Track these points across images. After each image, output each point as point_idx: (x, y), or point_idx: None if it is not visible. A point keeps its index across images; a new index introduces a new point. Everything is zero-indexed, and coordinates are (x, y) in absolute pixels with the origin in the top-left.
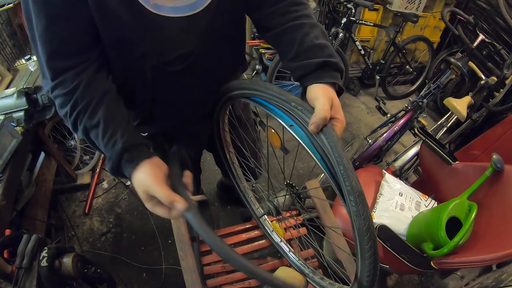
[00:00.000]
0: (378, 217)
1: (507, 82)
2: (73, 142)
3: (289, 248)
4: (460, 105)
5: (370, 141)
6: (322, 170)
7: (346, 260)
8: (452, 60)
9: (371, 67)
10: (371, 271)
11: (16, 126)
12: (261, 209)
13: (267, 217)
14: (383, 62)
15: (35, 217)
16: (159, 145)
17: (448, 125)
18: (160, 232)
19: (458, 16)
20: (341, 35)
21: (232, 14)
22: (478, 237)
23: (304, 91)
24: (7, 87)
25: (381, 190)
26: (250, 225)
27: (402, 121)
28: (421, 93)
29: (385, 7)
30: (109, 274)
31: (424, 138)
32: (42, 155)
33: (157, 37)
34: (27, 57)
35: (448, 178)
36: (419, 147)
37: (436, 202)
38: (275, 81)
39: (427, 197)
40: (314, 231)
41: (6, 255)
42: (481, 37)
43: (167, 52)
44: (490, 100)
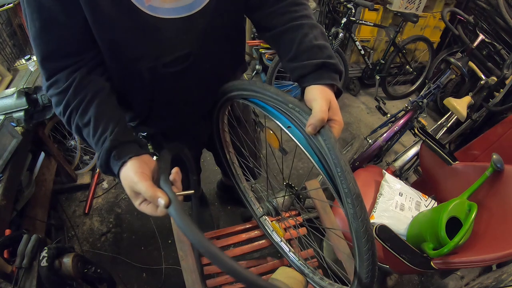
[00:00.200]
0: (378, 217)
1: (507, 82)
2: (73, 142)
3: (289, 248)
4: (460, 105)
5: (370, 141)
6: (320, 172)
7: (346, 261)
8: (452, 60)
9: (371, 67)
10: (369, 272)
11: (16, 126)
12: (261, 209)
13: (267, 217)
14: (383, 62)
15: (35, 217)
16: (159, 144)
17: (448, 125)
18: (160, 232)
19: (458, 16)
20: (341, 35)
21: (231, 14)
22: (478, 237)
23: (303, 92)
24: (7, 87)
25: (381, 190)
26: (250, 225)
27: (402, 121)
28: (421, 93)
29: (385, 7)
30: (109, 274)
31: (424, 138)
32: (42, 155)
33: (153, 39)
34: (27, 57)
35: (448, 178)
36: (419, 147)
37: (436, 202)
38: (275, 81)
39: (427, 197)
40: (314, 232)
41: (6, 255)
42: (481, 37)
43: (164, 54)
44: (490, 100)
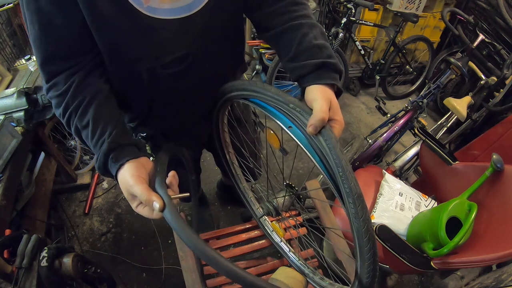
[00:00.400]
0: (378, 217)
1: (507, 82)
2: (73, 142)
3: (289, 248)
4: (460, 105)
5: (370, 141)
6: (321, 172)
7: (346, 260)
8: (452, 60)
9: (371, 67)
10: (370, 272)
11: (16, 126)
12: (261, 210)
13: (266, 217)
14: (383, 62)
15: (35, 217)
16: (158, 145)
17: (448, 125)
18: (160, 232)
19: (458, 16)
20: (341, 35)
21: (230, 14)
22: (478, 237)
23: (303, 92)
24: (7, 87)
25: (381, 190)
26: (250, 225)
27: (402, 121)
28: (421, 93)
29: (385, 7)
30: (109, 274)
31: (424, 138)
32: (42, 155)
33: (152, 40)
34: (27, 57)
35: (448, 178)
36: (419, 147)
37: (436, 202)
38: (275, 81)
39: (427, 197)
40: (314, 232)
41: (6, 255)
42: (481, 37)
43: (163, 55)
44: (490, 100)
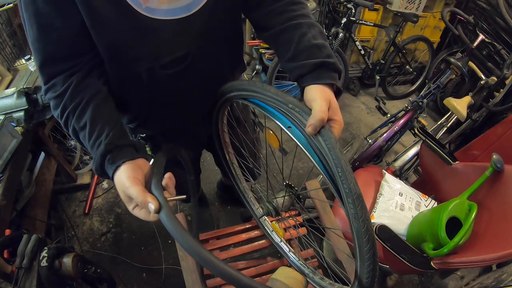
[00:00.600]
0: (378, 217)
1: (507, 82)
2: (73, 142)
3: (289, 248)
4: (460, 105)
5: (370, 141)
6: (320, 172)
7: (346, 260)
8: (452, 60)
9: (371, 67)
10: (370, 272)
11: (16, 126)
12: (261, 210)
13: (266, 217)
14: (383, 62)
15: (35, 217)
16: (158, 145)
17: (448, 125)
18: (160, 232)
19: (458, 16)
20: (341, 35)
21: (229, 15)
22: (478, 237)
23: (302, 91)
24: (7, 87)
25: (381, 190)
26: (250, 225)
27: (402, 121)
28: (421, 93)
29: (385, 7)
30: (109, 274)
31: (424, 138)
32: (42, 155)
33: (151, 40)
34: (27, 57)
35: (448, 178)
36: (419, 147)
37: (436, 202)
38: (275, 81)
39: (427, 197)
40: (314, 232)
41: (6, 255)
42: (481, 37)
43: (162, 55)
44: (490, 100)
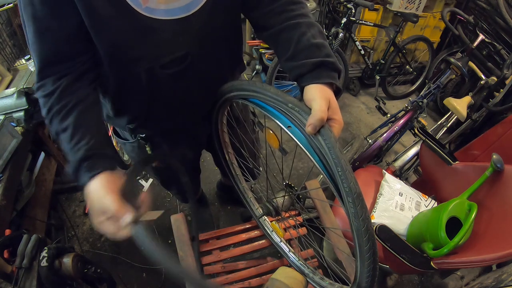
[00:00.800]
0: (378, 217)
1: (507, 82)
2: None
3: (289, 248)
4: (460, 105)
5: (370, 141)
6: (320, 171)
7: (346, 260)
8: (452, 60)
9: (371, 67)
10: (370, 271)
11: (16, 126)
12: (260, 210)
13: (266, 217)
14: (383, 62)
15: (35, 217)
16: (158, 145)
17: (448, 125)
18: (160, 232)
19: (458, 16)
20: (341, 35)
21: (229, 15)
22: (478, 237)
23: (302, 91)
24: (7, 87)
25: (381, 190)
26: (250, 225)
27: (402, 121)
28: (421, 93)
29: (385, 7)
30: (109, 274)
31: (424, 138)
32: (42, 155)
33: (151, 40)
34: (27, 57)
35: (448, 178)
36: (419, 147)
37: (436, 202)
38: (275, 81)
39: (427, 197)
40: (314, 232)
41: (6, 255)
42: (481, 37)
43: (162, 55)
44: (490, 100)
